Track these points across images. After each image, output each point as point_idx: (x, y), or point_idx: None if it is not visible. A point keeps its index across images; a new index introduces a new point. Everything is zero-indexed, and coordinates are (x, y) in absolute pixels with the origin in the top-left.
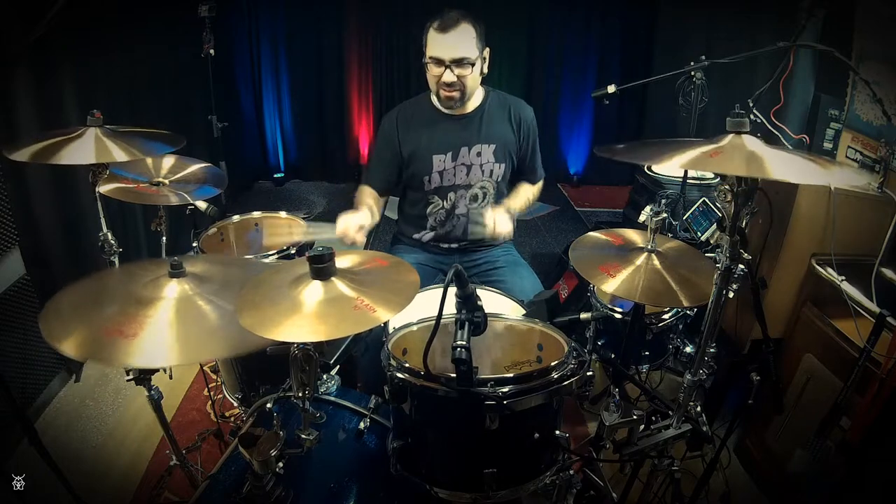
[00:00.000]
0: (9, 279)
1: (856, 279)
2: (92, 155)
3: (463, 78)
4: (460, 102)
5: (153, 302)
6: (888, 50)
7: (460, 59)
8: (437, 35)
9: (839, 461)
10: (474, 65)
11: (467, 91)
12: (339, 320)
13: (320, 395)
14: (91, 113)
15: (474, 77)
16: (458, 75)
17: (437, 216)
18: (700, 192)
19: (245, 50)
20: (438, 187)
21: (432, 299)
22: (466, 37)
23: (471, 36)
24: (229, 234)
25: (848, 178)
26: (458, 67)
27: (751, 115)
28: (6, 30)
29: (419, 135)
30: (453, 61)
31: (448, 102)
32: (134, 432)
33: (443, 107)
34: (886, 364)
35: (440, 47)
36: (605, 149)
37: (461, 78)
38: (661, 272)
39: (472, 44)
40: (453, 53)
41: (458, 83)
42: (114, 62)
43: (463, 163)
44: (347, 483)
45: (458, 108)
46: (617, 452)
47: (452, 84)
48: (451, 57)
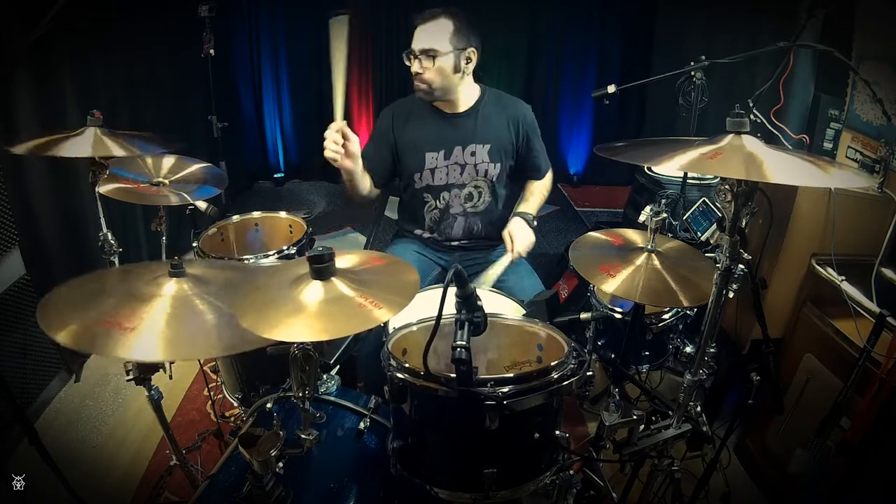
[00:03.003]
0: (9, 279)
1: (856, 279)
2: (89, 149)
3: (428, 70)
4: (430, 95)
5: (151, 298)
6: (888, 50)
7: (425, 49)
8: (416, 28)
9: (839, 461)
10: (438, 57)
11: (435, 84)
12: (340, 320)
13: (320, 395)
14: (91, 113)
15: (441, 70)
16: (424, 67)
17: (432, 216)
18: (700, 192)
19: (245, 50)
20: (430, 186)
21: (432, 299)
22: (439, 30)
23: (445, 30)
24: (229, 234)
25: (848, 180)
26: (424, 59)
27: (751, 115)
28: (6, 30)
29: (413, 131)
30: (420, 51)
31: (419, 94)
32: (134, 432)
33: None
34: (886, 364)
35: (414, 38)
36: (605, 148)
37: (426, 70)
38: (661, 272)
39: (443, 37)
40: (420, 44)
41: (425, 76)
42: (114, 62)
43: (456, 162)
44: (347, 483)
45: (431, 99)
46: (617, 452)
47: (417, 74)
48: (419, 47)
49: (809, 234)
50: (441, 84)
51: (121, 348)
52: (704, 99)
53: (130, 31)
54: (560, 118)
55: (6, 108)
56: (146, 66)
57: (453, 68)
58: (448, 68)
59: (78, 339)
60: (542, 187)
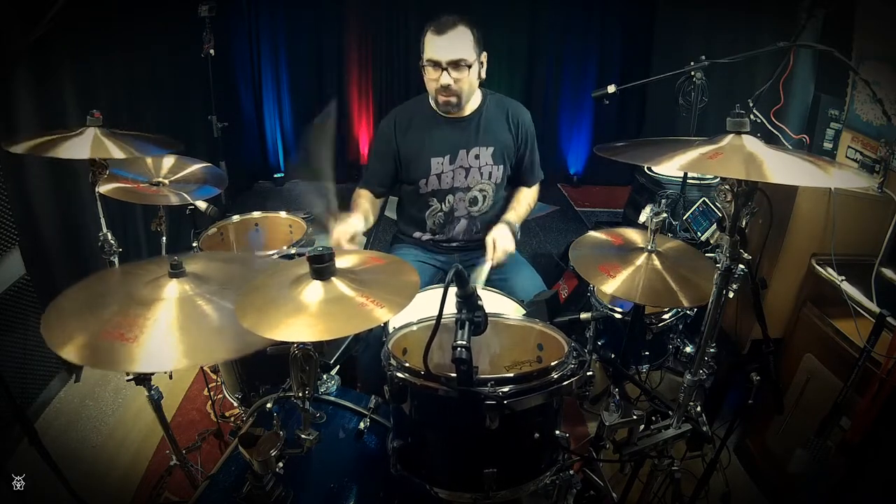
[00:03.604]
0: (9, 279)
1: (856, 279)
2: (88, 150)
3: (459, 81)
4: (457, 107)
5: (153, 303)
6: (888, 50)
7: (457, 60)
8: (434, 37)
9: (839, 461)
10: (471, 67)
11: (464, 95)
12: (340, 320)
13: (320, 395)
14: (91, 113)
15: (471, 81)
16: (454, 78)
17: (436, 219)
18: (700, 192)
19: (245, 50)
20: (436, 190)
21: (432, 299)
22: (463, 39)
23: (468, 38)
24: (229, 234)
25: (848, 180)
26: (454, 70)
27: (751, 115)
28: (6, 30)
29: (417, 137)
30: (450, 63)
31: (445, 107)
32: (134, 432)
33: (440, 111)
34: (886, 364)
35: (437, 49)
36: (605, 148)
37: (458, 81)
38: (662, 272)
39: (469, 46)
40: (450, 55)
41: (455, 87)
42: (114, 62)
43: (461, 165)
44: (347, 483)
45: (456, 111)
46: (617, 452)
47: (448, 87)
48: (448, 59)
49: (809, 234)
50: (468, 94)
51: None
52: (704, 99)
53: (130, 31)
54: (560, 118)
55: (6, 108)
56: (146, 66)
57: (477, 76)
58: (475, 77)
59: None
60: (529, 197)
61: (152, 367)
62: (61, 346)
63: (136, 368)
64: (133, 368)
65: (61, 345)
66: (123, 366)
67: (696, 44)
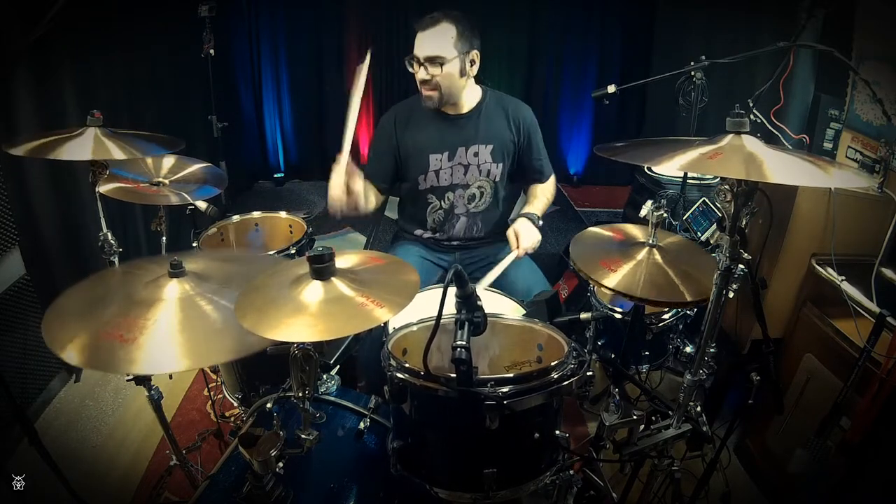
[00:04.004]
0: (9, 279)
1: (856, 279)
2: (89, 152)
3: (437, 77)
4: (438, 102)
5: (153, 304)
6: (888, 50)
7: (432, 56)
8: (418, 34)
9: (839, 461)
10: (445, 64)
11: (444, 90)
12: (340, 320)
13: (320, 395)
14: (91, 113)
15: (450, 76)
16: (431, 74)
17: (435, 217)
18: (700, 192)
19: (245, 50)
20: (435, 187)
21: (432, 299)
22: (443, 35)
23: (448, 35)
24: (229, 234)
25: (848, 180)
26: (431, 66)
27: (751, 115)
28: (6, 30)
29: (416, 134)
30: (426, 59)
31: (427, 101)
32: (134, 432)
33: (425, 105)
34: (886, 364)
35: (417, 45)
36: (605, 148)
37: (435, 77)
38: (663, 266)
39: (447, 43)
40: (425, 51)
41: (433, 82)
42: (114, 62)
43: (460, 162)
44: (347, 483)
45: (439, 106)
46: (617, 452)
47: (426, 82)
48: (424, 55)
49: (809, 234)
50: (449, 90)
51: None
52: (704, 99)
53: (130, 31)
54: (560, 118)
55: (6, 108)
56: (146, 66)
57: (459, 73)
58: (455, 74)
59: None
60: (545, 191)
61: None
62: (62, 348)
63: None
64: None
65: (62, 347)
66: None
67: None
